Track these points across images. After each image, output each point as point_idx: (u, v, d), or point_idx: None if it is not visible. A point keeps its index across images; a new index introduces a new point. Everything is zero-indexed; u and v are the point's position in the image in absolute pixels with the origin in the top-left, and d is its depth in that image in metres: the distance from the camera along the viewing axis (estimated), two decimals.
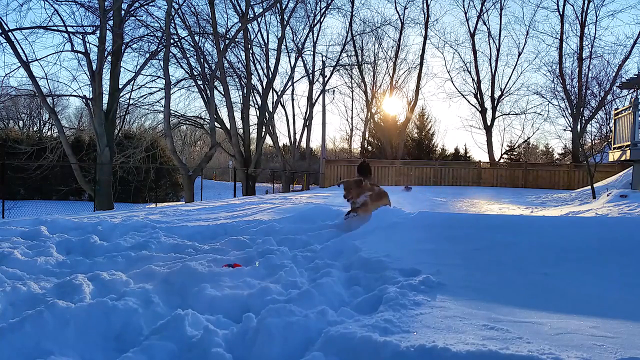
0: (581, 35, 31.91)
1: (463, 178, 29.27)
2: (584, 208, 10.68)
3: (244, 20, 23.87)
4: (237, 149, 24.12)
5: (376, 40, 38.33)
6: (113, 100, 18.11)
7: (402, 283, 3.15)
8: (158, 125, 29.08)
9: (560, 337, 2.21)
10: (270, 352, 2.29)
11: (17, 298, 3.06)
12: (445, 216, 6.42)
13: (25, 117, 45.69)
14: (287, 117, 38.21)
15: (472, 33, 36.04)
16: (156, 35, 20.66)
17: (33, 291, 3.19)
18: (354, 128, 45.14)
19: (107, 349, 2.46)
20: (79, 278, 3.38)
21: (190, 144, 54.50)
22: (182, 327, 2.47)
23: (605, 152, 24.21)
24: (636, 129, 13.10)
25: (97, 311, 2.61)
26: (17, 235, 5.33)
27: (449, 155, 47.88)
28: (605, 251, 4.03)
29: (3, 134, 29.02)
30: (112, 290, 3.22)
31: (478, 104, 36.64)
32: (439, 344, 2.03)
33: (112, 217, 7.54)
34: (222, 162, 50.44)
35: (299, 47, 31.59)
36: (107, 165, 17.37)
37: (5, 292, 3.05)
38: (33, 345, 2.32)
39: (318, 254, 4.67)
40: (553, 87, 35.00)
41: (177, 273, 3.54)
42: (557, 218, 6.77)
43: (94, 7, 17.22)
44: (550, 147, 51.91)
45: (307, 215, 7.44)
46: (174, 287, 3.37)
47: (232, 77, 27.88)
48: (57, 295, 3.07)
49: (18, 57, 15.63)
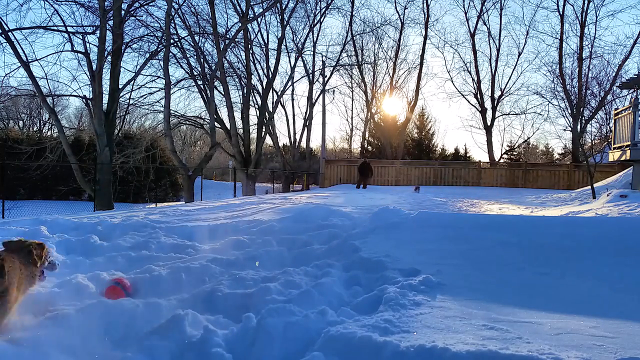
0: (581, 35, 31.92)
1: (463, 178, 29.28)
2: (584, 208, 10.67)
3: (244, 20, 23.87)
4: (237, 149, 24.11)
5: (376, 40, 38.29)
6: (113, 100, 18.09)
7: (402, 283, 3.15)
8: (158, 125, 29.06)
9: (560, 337, 2.21)
10: (270, 352, 2.29)
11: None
12: (445, 216, 6.43)
13: (25, 117, 45.70)
14: (287, 117, 38.17)
15: (472, 33, 36.06)
16: (156, 35, 20.65)
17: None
18: (354, 128, 45.14)
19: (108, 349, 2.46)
20: (79, 278, 3.39)
21: (190, 144, 54.50)
22: (182, 327, 2.47)
23: (605, 152, 24.19)
24: (636, 129, 13.09)
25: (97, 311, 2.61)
26: (17, 235, 5.33)
27: (449, 155, 47.87)
28: (605, 251, 4.03)
29: (3, 134, 29.01)
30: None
31: (478, 104, 36.65)
32: (438, 344, 2.04)
33: (112, 217, 7.54)
34: (222, 162, 50.42)
35: (299, 47, 31.59)
36: (107, 165, 17.36)
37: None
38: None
39: (318, 254, 4.67)
40: (553, 87, 34.98)
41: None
42: (557, 218, 6.77)
43: (94, 7, 17.22)
44: (550, 147, 51.88)
45: (307, 215, 7.44)
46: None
47: (232, 77, 27.88)
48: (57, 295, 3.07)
49: (18, 57, 15.62)
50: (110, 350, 2.43)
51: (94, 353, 2.38)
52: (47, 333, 2.37)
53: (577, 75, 31.55)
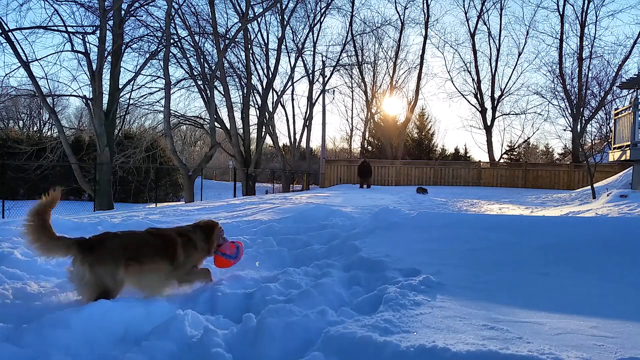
0: (581, 35, 31.92)
1: (463, 178, 29.28)
2: (584, 208, 10.68)
3: (244, 20, 23.86)
4: (237, 149, 24.12)
5: (376, 40, 38.30)
6: (113, 100, 18.10)
7: (402, 283, 3.15)
8: (158, 125, 29.06)
9: (560, 337, 2.21)
10: (270, 352, 2.29)
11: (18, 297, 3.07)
12: (445, 216, 6.43)
13: (25, 117, 45.69)
14: (287, 117, 38.23)
15: (472, 33, 36.08)
16: (156, 35, 20.66)
17: (33, 291, 3.20)
18: (354, 128, 45.17)
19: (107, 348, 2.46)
20: None
21: (190, 144, 54.49)
22: (182, 326, 2.47)
23: (605, 152, 24.21)
24: (636, 129, 13.09)
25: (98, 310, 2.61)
26: (17, 235, 5.31)
27: (449, 155, 47.88)
28: (605, 251, 4.03)
29: (3, 134, 29.02)
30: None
31: (478, 104, 36.66)
32: (439, 344, 2.03)
33: (112, 217, 7.54)
34: (222, 162, 50.43)
35: (299, 47, 31.59)
36: (107, 165, 17.37)
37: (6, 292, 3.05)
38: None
39: (318, 254, 4.67)
40: (553, 87, 35.01)
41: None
42: (557, 218, 6.77)
43: (94, 7, 17.23)
44: (550, 147, 51.94)
45: (307, 215, 7.44)
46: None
47: (232, 77, 27.89)
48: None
49: (18, 57, 15.62)
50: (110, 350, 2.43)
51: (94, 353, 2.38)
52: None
53: (577, 75, 31.58)
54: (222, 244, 3.74)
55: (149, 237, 3.29)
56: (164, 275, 3.18)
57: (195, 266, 3.51)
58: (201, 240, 3.55)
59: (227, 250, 3.74)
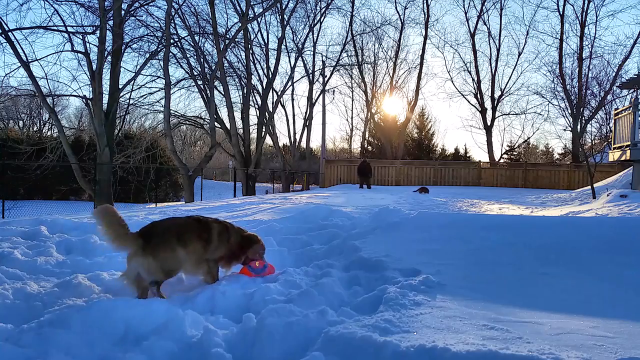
0: (581, 35, 31.94)
1: (463, 178, 29.28)
2: (584, 208, 10.67)
3: (244, 20, 23.86)
4: (237, 149, 24.11)
5: (376, 40, 38.32)
6: (113, 100, 18.08)
7: (402, 283, 3.15)
8: (158, 125, 29.06)
9: (560, 337, 2.21)
10: (271, 352, 2.29)
11: (17, 297, 3.07)
12: (445, 216, 6.43)
13: (25, 117, 45.68)
14: (287, 117, 38.18)
15: (472, 33, 36.11)
16: (156, 35, 20.66)
17: (33, 291, 3.19)
18: (354, 128, 45.20)
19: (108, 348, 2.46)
20: (79, 278, 3.38)
21: (190, 144, 54.51)
22: (182, 326, 2.47)
23: (605, 152, 24.20)
24: (636, 129, 13.09)
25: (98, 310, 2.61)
26: (17, 235, 5.32)
27: (449, 155, 47.88)
28: (605, 251, 4.03)
29: (3, 134, 29.02)
30: (112, 289, 3.22)
31: (478, 104, 36.68)
32: (439, 344, 2.03)
33: None
34: (222, 162, 50.41)
35: (299, 47, 31.59)
36: (107, 165, 17.36)
37: (6, 292, 3.05)
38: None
39: (318, 254, 4.67)
40: (553, 87, 35.02)
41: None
42: (557, 218, 6.77)
43: (94, 7, 17.21)
44: (550, 147, 52.00)
45: (307, 215, 7.44)
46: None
47: (232, 77, 27.89)
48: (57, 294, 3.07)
49: (18, 57, 15.61)
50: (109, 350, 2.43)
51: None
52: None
53: (577, 75, 31.59)
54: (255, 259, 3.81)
55: (195, 224, 3.56)
56: (201, 258, 3.48)
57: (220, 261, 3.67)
58: (236, 244, 3.72)
59: (255, 264, 3.79)
